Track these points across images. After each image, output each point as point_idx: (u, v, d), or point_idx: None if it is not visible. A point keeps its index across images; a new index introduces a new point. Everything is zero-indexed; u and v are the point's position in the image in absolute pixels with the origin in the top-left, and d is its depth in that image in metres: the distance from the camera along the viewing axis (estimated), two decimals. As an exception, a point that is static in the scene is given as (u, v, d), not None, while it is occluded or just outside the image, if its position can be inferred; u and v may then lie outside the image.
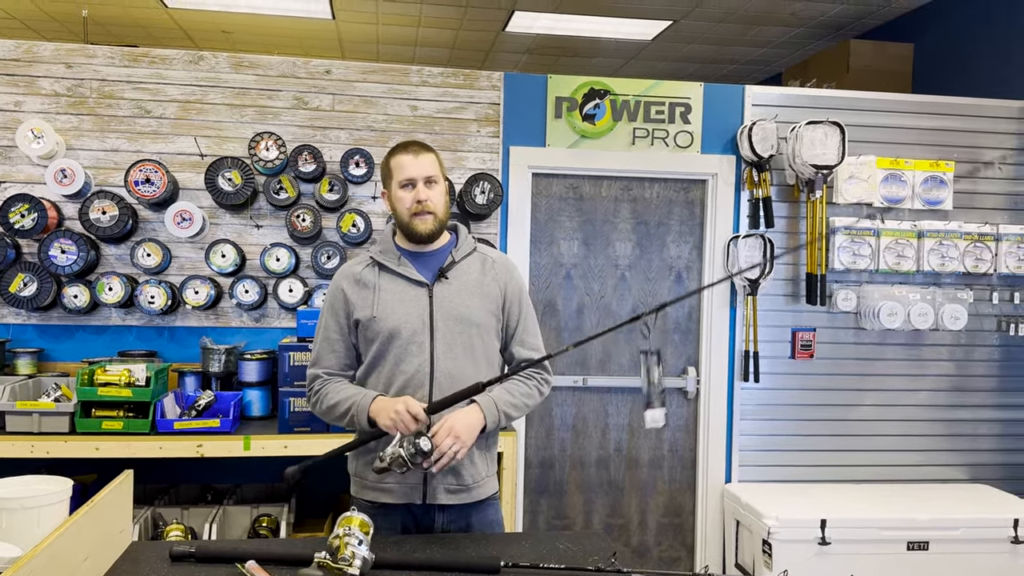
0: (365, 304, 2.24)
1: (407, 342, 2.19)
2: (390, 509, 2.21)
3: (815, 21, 5.68)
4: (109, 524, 1.86)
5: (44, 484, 1.81)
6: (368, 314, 2.22)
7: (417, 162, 2.23)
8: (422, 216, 2.22)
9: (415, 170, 2.22)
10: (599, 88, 3.91)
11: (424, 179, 2.23)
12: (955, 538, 3.54)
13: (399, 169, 2.24)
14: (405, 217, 2.24)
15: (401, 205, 2.24)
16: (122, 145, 3.63)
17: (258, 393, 3.51)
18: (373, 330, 2.22)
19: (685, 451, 4.11)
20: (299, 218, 3.61)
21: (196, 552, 1.90)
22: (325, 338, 2.30)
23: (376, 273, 2.27)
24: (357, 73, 3.77)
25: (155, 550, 1.97)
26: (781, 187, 3.97)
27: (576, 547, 2.05)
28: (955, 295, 4.00)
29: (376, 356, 2.23)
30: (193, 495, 3.64)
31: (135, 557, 1.92)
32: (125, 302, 3.54)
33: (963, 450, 4.15)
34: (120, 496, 1.96)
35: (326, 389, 2.26)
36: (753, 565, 3.63)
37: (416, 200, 2.21)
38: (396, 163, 2.25)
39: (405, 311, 2.22)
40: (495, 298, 2.30)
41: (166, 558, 1.90)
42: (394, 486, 2.20)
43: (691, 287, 4.07)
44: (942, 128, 4.07)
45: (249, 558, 1.83)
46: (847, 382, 4.04)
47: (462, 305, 2.25)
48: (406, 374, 2.19)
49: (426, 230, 2.23)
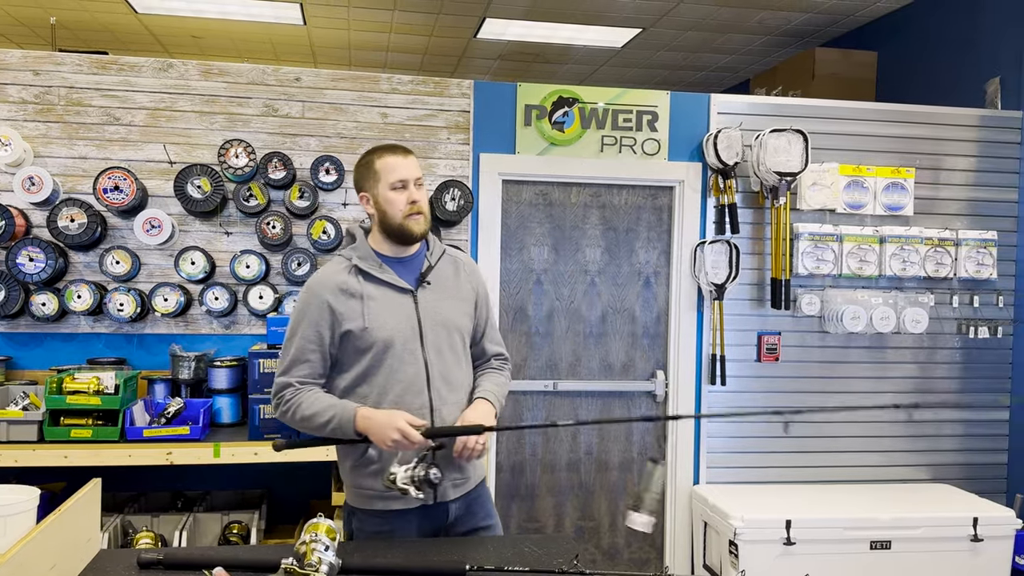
0: (354, 314, 2.19)
1: (401, 351, 2.20)
2: (405, 513, 2.23)
3: (781, 29, 5.78)
4: (76, 532, 1.87)
5: (11, 493, 1.82)
6: (359, 325, 2.18)
7: (407, 163, 2.23)
8: (415, 217, 2.22)
9: (407, 171, 2.22)
10: (568, 96, 3.96)
11: (415, 180, 2.23)
12: (916, 537, 3.62)
13: (390, 170, 2.21)
14: (398, 219, 2.21)
15: (393, 207, 2.21)
16: (90, 152, 3.62)
17: (228, 400, 3.52)
18: (365, 340, 2.19)
19: (654, 453, 4.16)
20: (269, 225, 3.63)
21: (164, 559, 1.92)
22: (300, 348, 2.21)
23: (359, 281, 2.22)
24: (327, 80, 3.79)
25: (123, 558, 1.98)
26: (746, 194, 4.04)
27: (541, 550, 2.09)
28: (916, 299, 4.09)
29: (370, 366, 2.21)
30: (163, 503, 3.64)
31: (103, 565, 1.93)
32: (94, 310, 3.53)
33: (925, 451, 4.23)
34: (87, 504, 1.97)
35: (299, 398, 2.19)
36: (720, 566, 3.69)
37: (410, 201, 2.21)
38: (385, 164, 2.22)
39: (396, 320, 2.21)
40: (470, 300, 2.37)
41: (134, 566, 1.91)
42: None
43: (659, 292, 4.13)
44: (904, 135, 4.16)
45: (217, 565, 1.85)
46: (812, 385, 4.12)
47: (445, 310, 2.29)
48: (403, 382, 2.20)
49: (420, 231, 2.23)
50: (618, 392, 4.12)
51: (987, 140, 4.20)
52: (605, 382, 4.11)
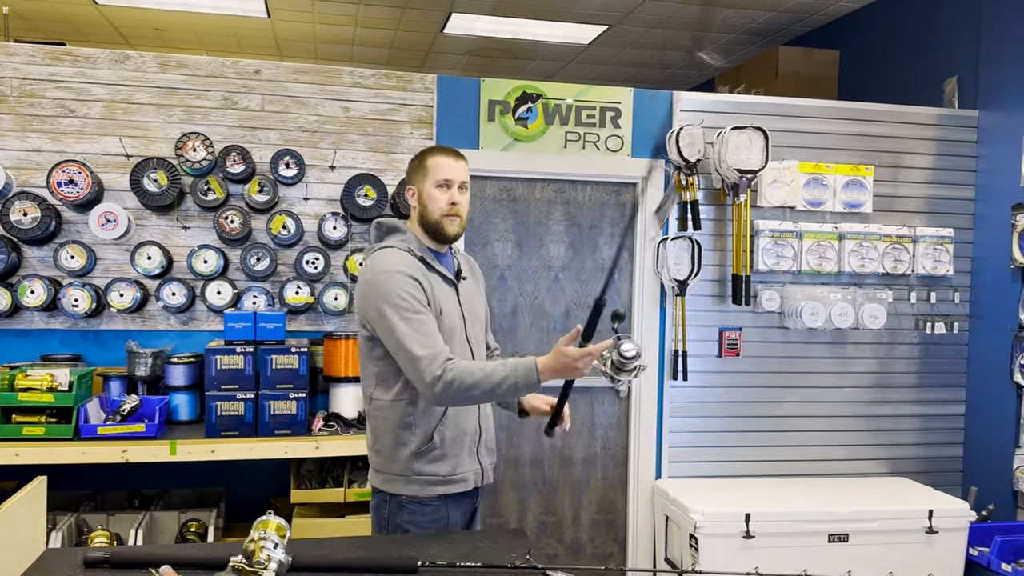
0: (432, 298, 2.27)
1: (460, 337, 2.34)
2: (461, 497, 2.34)
3: (746, 28, 5.82)
4: (20, 531, 1.83)
5: (-50, 492, 1.78)
6: (436, 308, 2.27)
7: (457, 166, 2.33)
8: (452, 218, 2.31)
9: (455, 173, 2.32)
10: (531, 92, 3.96)
11: (460, 183, 2.33)
12: (873, 530, 3.67)
13: (438, 168, 2.31)
14: (436, 216, 2.30)
15: (434, 204, 2.30)
16: (44, 145, 3.55)
17: (185, 397, 3.47)
18: (439, 324, 2.26)
19: (617, 449, 4.18)
20: (228, 219, 3.58)
21: (110, 558, 1.89)
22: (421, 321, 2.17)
23: (424, 269, 2.29)
24: (288, 73, 3.76)
25: (68, 557, 1.95)
26: (708, 191, 4.07)
27: (495, 544, 2.09)
28: (875, 295, 4.14)
29: None
30: (119, 501, 3.59)
31: (47, 564, 1.90)
32: (48, 305, 3.47)
33: (884, 444, 4.29)
34: (32, 503, 1.93)
35: (462, 367, 2.13)
36: (681, 559, 3.71)
37: (451, 202, 2.30)
38: (435, 162, 2.32)
39: (453, 308, 2.34)
40: (485, 295, 2.58)
41: (80, 565, 1.88)
42: (467, 474, 2.34)
43: (622, 289, 4.14)
44: (863, 133, 4.21)
45: (164, 563, 1.82)
46: (772, 379, 4.16)
47: (476, 304, 2.47)
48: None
49: (454, 232, 2.33)
50: (582, 388, 4.13)
51: (944, 139, 4.27)
52: (568, 378, 4.10)
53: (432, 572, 1.88)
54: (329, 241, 3.70)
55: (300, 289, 3.67)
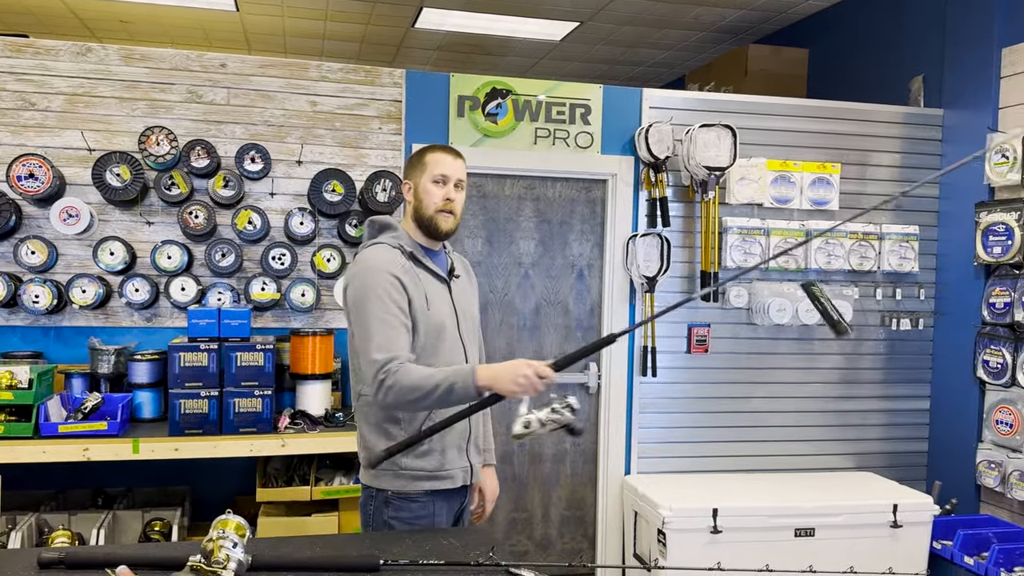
0: (419, 295, 2.26)
1: (451, 335, 2.32)
2: (449, 494, 2.32)
3: (716, 25, 5.84)
4: (-29, 533, 1.79)
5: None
6: (423, 305, 2.25)
7: (455, 164, 2.33)
8: (445, 215, 2.30)
9: (452, 169, 2.32)
10: (501, 88, 3.95)
11: (456, 181, 2.33)
12: (839, 524, 3.70)
13: (436, 164, 2.31)
14: (429, 211, 2.30)
15: (429, 198, 2.30)
16: (4, 139, 3.49)
17: (149, 395, 3.42)
18: (425, 321, 2.25)
19: (587, 445, 4.18)
20: (192, 215, 3.53)
21: (65, 559, 1.85)
22: (390, 325, 2.17)
23: (411, 265, 2.29)
24: (253, 67, 3.71)
25: (23, 558, 1.91)
26: (677, 187, 4.08)
27: (460, 542, 2.08)
28: (841, 292, 4.18)
29: (424, 346, 2.26)
30: (82, 500, 3.54)
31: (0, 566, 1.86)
32: (8, 301, 3.40)
33: (850, 439, 4.34)
34: (-16, 503, 1.89)
35: (405, 369, 2.12)
36: (650, 554, 3.73)
37: (446, 198, 2.29)
38: (434, 158, 2.32)
39: (444, 305, 2.33)
40: (478, 296, 2.58)
41: (34, 566, 1.84)
42: (454, 471, 2.32)
43: (592, 285, 4.14)
44: (830, 131, 4.24)
45: (121, 563, 1.79)
46: (740, 375, 4.19)
47: (469, 303, 2.46)
48: (450, 365, 2.25)
49: (447, 228, 2.32)
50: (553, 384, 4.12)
51: (910, 137, 4.31)
52: (538, 374, 4.10)
53: (394, 570, 1.87)
54: (296, 237, 3.66)
55: (266, 285, 3.63)
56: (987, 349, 3.88)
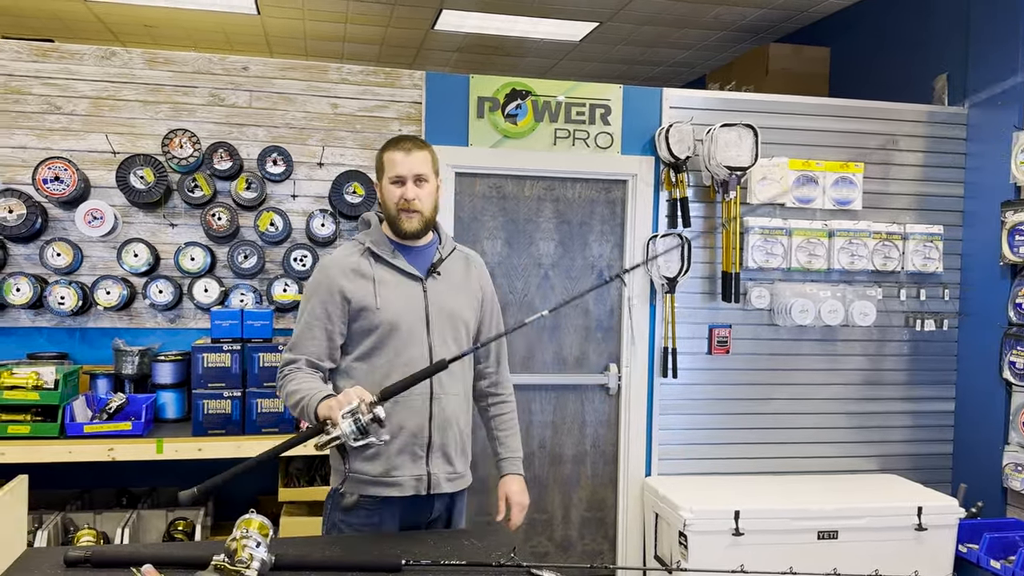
0: (365, 294, 2.24)
1: (407, 334, 2.24)
2: (393, 502, 2.25)
3: (736, 25, 5.81)
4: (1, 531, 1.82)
5: (-72, 491, 1.77)
6: (370, 304, 2.23)
7: (408, 160, 2.25)
8: (409, 214, 2.25)
9: (405, 168, 2.24)
10: (521, 89, 3.95)
11: (414, 177, 2.25)
12: (862, 527, 3.67)
13: (390, 165, 2.26)
14: (392, 212, 2.27)
15: (389, 199, 2.27)
16: (30, 142, 3.53)
17: (172, 395, 3.46)
18: (372, 321, 2.23)
19: (607, 446, 4.17)
20: (215, 217, 3.56)
21: (91, 558, 1.87)
22: (307, 324, 2.25)
23: (371, 263, 2.28)
24: (275, 70, 3.74)
25: (50, 556, 1.93)
26: (698, 188, 4.06)
27: (481, 542, 2.08)
28: (864, 292, 4.14)
29: (374, 347, 2.24)
30: (107, 500, 3.58)
31: (28, 565, 1.88)
32: (34, 303, 3.45)
33: (873, 441, 4.30)
34: (13, 502, 1.91)
35: (293, 376, 2.20)
36: (671, 556, 3.71)
37: (403, 198, 2.24)
38: (389, 158, 2.27)
39: (404, 304, 2.26)
40: (477, 297, 2.43)
41: (61, 564, 1.86)
42: (402, 478, 2.24)
43: (612, 286, 4.12)
44: (853, 131, 4.20)
45: (146, 562, 1.81)
46: (762, 377, 4.16)
47: (452, 302, 2.34)
48: (407, 366, 2.21)
49: (411, 228, 2.26)
50: (572, 385, 4.12)
51: (934, 136, 4.27)
52: (559, 375, 4.11)
53: (416, 571, 1.87)
54: (317, 238, 3.68)
55: (288, 287, 3.66)
56: (1013, 350, 3.83)
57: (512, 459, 2.52)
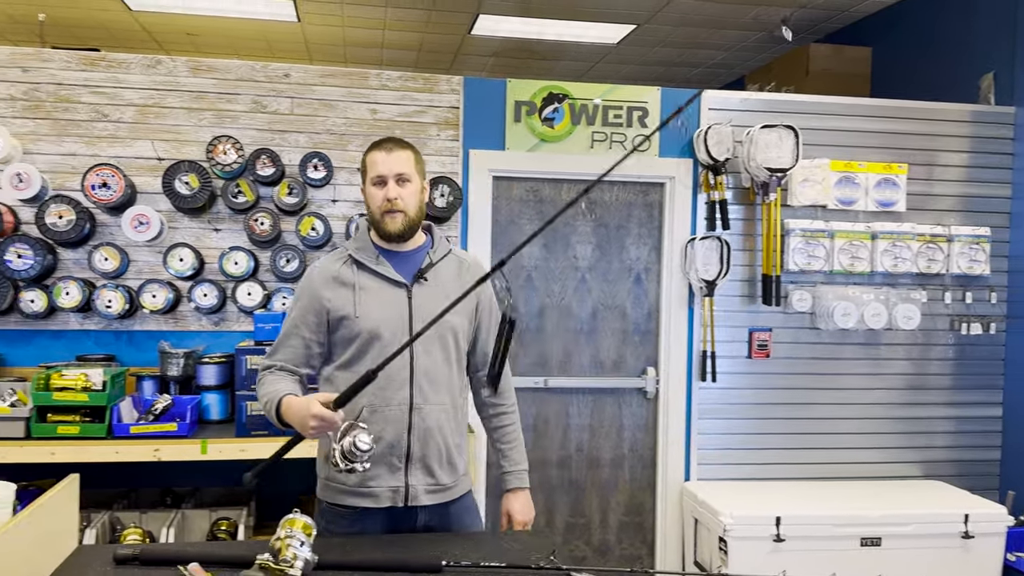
0: (345, 302, 2.21)
1: (388, 342, 2.17)
2: (372, 513, 2.21)
3: (776, 25, 5.75)
4: (53, 527, 1.87)
5: (-15, 489, 1.82)
6: (349, 312, 2.20)
7: (389, 159, 2.20)
8: (392, 214, 2.20)
9: (385, 167, 2.20)
10: (558, 92, 3.95)
11: (395, 176, 2.20)
12: (907, 534, 3.61)
13: (372, 165, 2.22)
14: (376, 214, 2.23)
15: (372, 202, 2.22)
16: (79, 149, 3.62)
17: (216, 397, 3.51)
18: (353, 329, 2.20)
19: (645, 450, 4.15)
20: (258, 222, 3.62)
21: (140, 555, 1.91)
22: (287, 332, 2.27)
23: (354, 271, 2.24)
24: (316, 77, 3.79)
25: (100, 553, 1.98)
26: (737, 190, 4.03)
27: (520, 545, 2.09)
28: (908, 295, 4.07)
29: (355, 355, 2.21)
30: (152, 499, 3.64)
31: (79, 561, 1.93)
32: (83, 306, 3.53)
33: (918, 447, 4.22)
34: (65, 500, 1.96)
35: (265, 379, 2.23)
36: (710, 562, 3.68)
37: (386, 198, 2.19)
38: (370, 159, 2.24)
39: (386, 311, 2.21)
40: (470, 302, 2.30)
41: (110, 562, 1.91)
42: (377, 490, 2.20)
43: (650, 289, 4.12)
44: (896, 131, 4.14)
45: (193, 560, 1.84)
46: (803, 381, 4.11)
47: (440, 308, 2.19)
48: (385, 375, 2.12)
49: (395, 229, 2.21)
50: (609, 388, 4.11)
51: (980, 136, 4.19)
52: (596, 379, 4.10)
53: (456, 571, 1.88)
54: (357, 242, 3.72)
55: (328, 290, 3.70)
56: (1064, 354, 3.74)
57: (516, 473, 2.43)
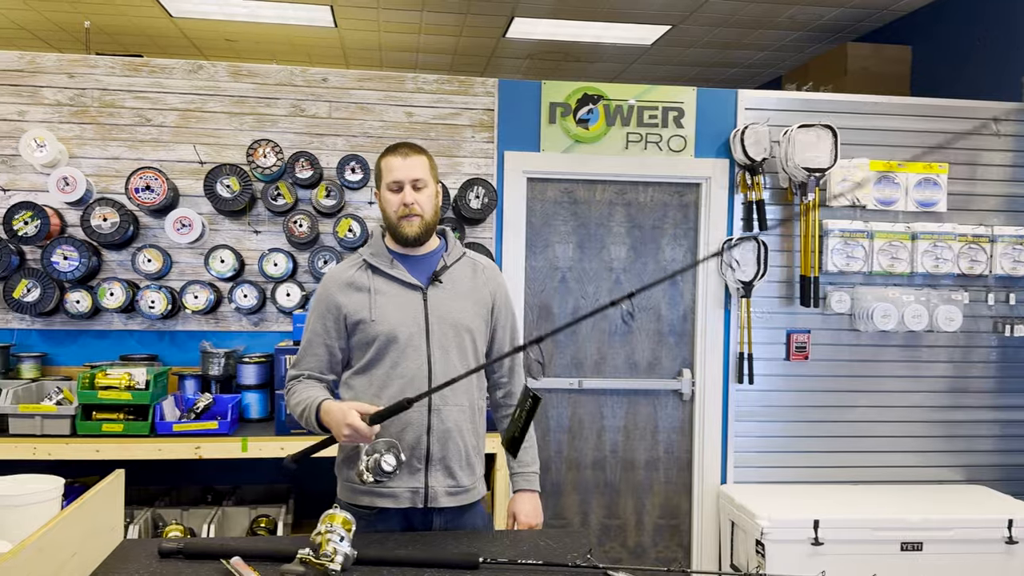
0: (361, 307, 2.22)
1: (405, 345, 2.19)
2: (390, 513, 2.22)
3: (813, 24, 5.71)
4: (99, 521, 1.91)
5: (36, 483, 1.87)
6: (365, 316, 2.20)
7: (405, 164, 2.21)
8: (409, 219, 2.21)
9: (402, 173, 2.21)
10: (592, 93, 3.96)
11: (411, 182, 2.21)
12: (949, 539, 3.55)
13: (388, 171, 2.23)
14: (392, 219, 2.23)
15: (389, 207, 2.23)
16: (123, 153, 3.70)
17: (256, 396, 3.57)
18: (369, 333, 2.20)
19: (681, 453, 4.13)
20: (296, 224, 3.67)
21: (184, 549, 1.95)
22: (308, 340, 2.28)
23: (369, 275, 2.25)
24: (353, 81, 3.83)
25: (145, 547, 2.02)
26: (774, 190, 4.00)
27: (556, 543, 2.09)
28: (950, 297, 4.01)
29: (372, 359, 2.22)
30: (193, 496, 3.71)
31: (125, 554, 1.97)
32: (126, 307, 3.61)
33: (959, 451, 4.15)
34: (110, 495, 2.01)
35: (295, 389, 2.25)
36: (747, 565, 3.65)
37: (402, 203, 2.20)
38: (385, 165, 2.24)
39: (401, 314, 2.21)
40: (486, 303, 2.33)
41: (155, 555, 1.95)
42: (398, 490, 2.20)
43: (685, 290, 4.10)
44: (936, 130, 4.08)
45: (235, 554, 1.88)
46: (842, 383, 4.06)
47: (456, 310, 2.26)
48: (404, 377, 2.19)
49: (412, 233, 2.22)
50: (644, 390, 4.10)
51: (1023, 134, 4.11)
52: (631, 380, 4.09)
53: (493, 569, 1.90)
54: (393, 244, 3.75)
55: (365, 291, 3.73)
56: (1112, 357, 3.65)
57: (525, 474, 2.39)
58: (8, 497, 1.76)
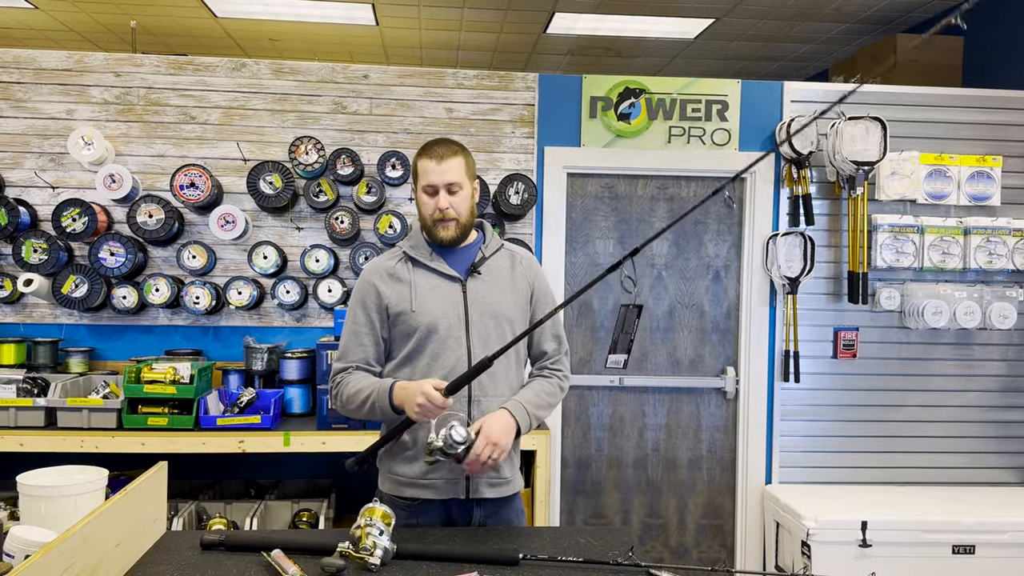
0: (402, 298, 2.23)
1: (445, 336, 2.20)
2: (430, 505, 2.22)
3: (861, 16, 5.58)
4: (142, 512, 1.93)
5: (81, 474, 1.89)
6: (406, 307, 2.21)
7: (440, 169, 2.19)
8: (444, 223, 2.21)
9: (436, 177, 2.19)
10: (634, 87, 3.91)
11: (446, 186, 2.20)
12: (1003, 542, 3.44)
13: (423, 174, 2.22)
14: (427, 222, 2.25)
15: (424, 210, 2.24)
16: (168, 151, 3.75)
17: (299, 391, 3.59)
18: (410, 324, 2.21)
19: (724, 452, 4.07)
20: (338, 220, 3.69)
21: (226, 541, 1.96)
22: (352, 332, 2.27)
23: (409, 268, 2.26)
24: (394, 77, 3.84)
25: (187, 539, 2.04)
26: (822, 184, 3.92)
27: (597, 541, 2.06)
28: (1004, 293, 3.89)
29: (413, 350, 2.22)
30: (236, 490, 3.75)
31: (167, 545, 1.99)
32: (172, 303, 3.66)
33: (1014, 452, 4.03)
34: (154, 486, 2.03)
35: (347, 380, 2.24)
36: (793, 567, 3.58)
37: (437, 208, 2.20)
38: (421, 168, 2.23)
39: (442, 306, 2.22)
40: (525, 294, 2.32)
41: (197, 547, 1.96)
42: (437, 482, 2.20)
43: (729, 286, 4.04)
44: (990, 122, 3.96)
45: (276, 547, 1.88)
46: (891, 382, 3.97)
47: (496, 300, 2.26)
48: (444, 368, 2.19)
49: (447, 237, 2.23)
50: (686, 388, 4.05)
51: (1083, 125, 3.97)
52: (673, 378, 4.04)
53: (533, 565, 1.87)
54: (434, 240, 3.75)
55: (406, 287, 3.74)
56: None
57: (515, 401, 2.20)
58: (53, 487, 1.78)
